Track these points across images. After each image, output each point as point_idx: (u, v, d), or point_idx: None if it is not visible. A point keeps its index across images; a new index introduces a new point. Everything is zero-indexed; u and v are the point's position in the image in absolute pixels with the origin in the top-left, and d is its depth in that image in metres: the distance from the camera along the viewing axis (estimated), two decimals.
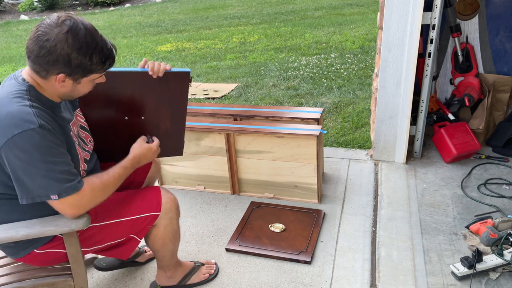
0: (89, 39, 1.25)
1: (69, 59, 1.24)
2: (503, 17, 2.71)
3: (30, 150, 1.22)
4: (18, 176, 1.24)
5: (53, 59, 1.23)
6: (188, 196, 2.59)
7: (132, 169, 1.50)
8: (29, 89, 1.29)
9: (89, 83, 1.36)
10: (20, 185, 1.25)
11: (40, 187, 1.25)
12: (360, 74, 4.70)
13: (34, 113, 1.24)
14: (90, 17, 11.13)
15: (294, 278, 1.91)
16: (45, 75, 1.28)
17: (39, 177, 1.24)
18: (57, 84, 1.29)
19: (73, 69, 1.26)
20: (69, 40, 1.22)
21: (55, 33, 1.22)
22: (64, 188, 1.27)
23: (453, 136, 2.68)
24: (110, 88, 1.54)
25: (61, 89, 1.31)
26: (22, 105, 1.24)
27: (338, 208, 2.38)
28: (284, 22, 8.22)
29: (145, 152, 1.54)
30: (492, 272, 1.82)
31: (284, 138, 2.31)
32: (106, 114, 1.61)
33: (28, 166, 1.23)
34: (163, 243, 1.65)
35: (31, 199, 1.26)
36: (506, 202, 2.31)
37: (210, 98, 4.32)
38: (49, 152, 1.25)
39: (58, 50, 1.22)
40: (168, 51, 6.66)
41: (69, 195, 1.28)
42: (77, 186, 1.30)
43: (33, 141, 1.21)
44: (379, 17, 2.50)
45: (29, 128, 1.21)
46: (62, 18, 1.24)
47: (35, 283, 1.44)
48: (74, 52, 1.23)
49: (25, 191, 1.26)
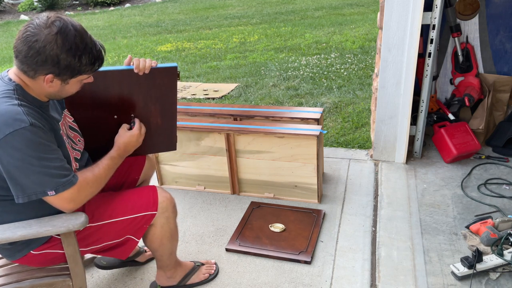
0: (79, 40, 1.25)
1: (58, 60, 1.24)
2: (503, 17, 2.71)
3: (23, 149, 1.22)
4: (12, 175, 1.24)
5: (42, 60, 1.23)
6: (188, 196, 2.59)
7: (121, 158, 1.53)
8: (16, 89, 1.29)
9: (77, 84, 1.36)
10: (15, 184, 1.25)
11: (36, 184, 1.25)
12: (360, 74, 4.70)
13: (24, 112, 1.24)
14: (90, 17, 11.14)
15: (294, 278, 1.91)
16: (33, 75, 1.28)
17: (35, 174, 1.24)
18: (45, 84, 1.29)
19: (61, 70, 1.26)
20: (59, 41, 1.22)
21: (45, 34, 1.21)
22: (61, 183, 1.28)
23: (453, 136, 2.68)
24: (96, 87, 1.54)
25: (49, 89, 1.31)
26: (11, 104, 1.24)
27: (338, 208, 2.38)
28: (284, 22, 8.22)
29: (128, 139, 1.55)
30: (492, 272, 1.82)
31: (284, 138, 2.30)
32: (94, 114, 1.60)
33: (22, 164, 1.23)
34: (160, 243, 1.65)
35: (27, 197, 1.26)
36: (506, 202, 2.31)
37: (210, 98, 4.32)
38: (42, 149, 1.25)
39: (47, 51, 1.22)
40: (168, 51, 6.66)
41: (66, 189, 1.29)
42: (72, 180, 1.31)
43: (26, 139, 1.22)
44: (379, 17, 2.50)
45: (21, 127, 1.21)
46: (51, 19, 1.24)
47: (33, 284, 1.43)
48: (63, 53, 1.23)
49: (21, 189, 1.26)
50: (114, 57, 6.61)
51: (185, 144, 2.51)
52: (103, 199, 1.52)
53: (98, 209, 1.51)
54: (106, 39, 8.27)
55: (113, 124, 1.62)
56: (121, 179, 1.76)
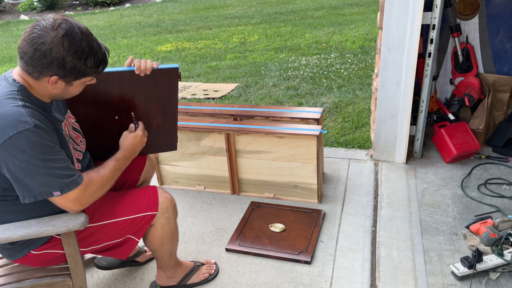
0: (85, 44, 1.26)
1: (64, 63, 1.24)
2: (503, 17, 2.71)
3: (28, 150, 1.22)
4: (18, 176, 1.24)
5: (48, 62, 1.23)
6: (188, 196, 2.59)
7: (127, 160, 1.53)
8: (20, 89, 1.29)
9: (80, 85, 1.37)
10: (21, 185, 1.25)
11: (42, 185, 1.25)
12: (360, 74, 4.70)
13: (28, 113, 1.24)
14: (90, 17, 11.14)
15: (294, 278, 1.91)
16: (37, 76, 1.28)
17: (40, 175, 1.24)
18: (49, 85, 1.29)
19: (66, 72, 1.27)
20: (65, 44, 1.22)
21: (51, 36, 1.22)
22: (66, 183, 1.28)
23: (453, 136, 2.68)
24: (98, 88, 1.54)
25: (53, 90, 1.32)
26: (15, 105, 1.24)
27: (338, 208, 2.38)
28: (284, 22, 8.21)
29: (133, 141, 1.55)
30: (492, 272, 1.82)
31: (284, 138, 2.30)
32: (96, 114, 1.61)
33: (27, 166, 1.23)
34: (161, 243, 1.65)
35: (33, 197, 1.26)
36: (506, 202, 2.31)
37: (210, 98, 4.32)
38: (46, 150, 1.25)
39: (54, 54, 1.22)
40: (168, 51, 6.66)
41: (71, 190, 1.29)
42: (77, 180, 1.31)
43: (30, 141, 1.22)
44: (379, 17, 2.50)
45: (25, 128, 1.21)
46: (58, 21, 1.24)
47: (33, 284, 1.43)
48: (70, 56, 1.24)
49: (27, 190, 1.26)
50: (114, 57, 6.61)
51: (185, 144, 2.52)
52: (104, 199, 1.52)
53: (99, 209, 1.51)
54: (106, 39, 8.27)
55: (114, 125, 1.62)
56: (122, 179, 1.76)
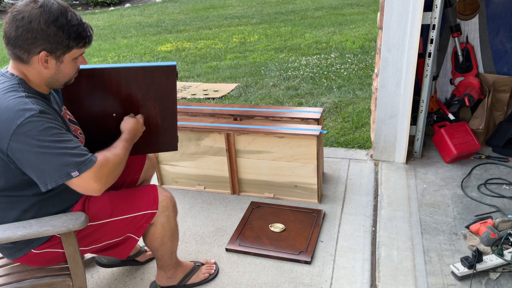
0: (63, 13, 1.28)
1: (47, 34, 1.25)
2: (503, 17, 2.71)
3: (38, 135, 1.22)
4: (34, 164, 1.24)
5: (32, 37, 1.25)
6: (188, 196, 2.59)
7: (131, 142, 1.53)
8: (20, 82, 1.30)
9: (71, 63, 1.36)
10: (38, 172, 1.25)
11: (59, 167, 1.24)
12: (360, 74, 4.70)
13: (31, 102, 1.25)
14: (90, 17, 11.14)
15: (294, 278, 1.91)
16: (27, 58, 1.28)
17: (54, 158, 1.24)
18: (41, 66, 1.30)
19: (52, 44, 1.27)
20: (44, 14, 1.25)
21: (29, 10, 1.24)
22: (82, 162, 1.27)
23: (453, 136, 2.68)
24: (94, 85, 1.54)
25: (45, 71, 1.32)
26: (18, 96, 1.25)
27: (338, 208, 2.38)
28: (284, 22, 8.22)
29: (134, 125, 1.56)
30: (492, 272, 1.82)
31: (284, 138, 2.30)
32: (92, 112, 1.60)
33: (40, 150, 1.22)
34: (161, 242, 1.65)
35: (54, 181, 1.25)
36: (506, 202, 2.31)
37: (210, 98, 4.32)
38: (55, 133, 1.25)
39: (35, 26, 1.24)
40: (168, 51, 6.66)
41: (89, 168, 1.28)
42: (92, 159, 1.30)
43: (38, 126, 1.22)
44: (379, 17, 2.50)
45: (30, 115, 1.22)
46: None
47: (33, 284, 1.43)
48: (51, 25, 1.25)
49: (46, 176, 1.25)
50: (114, 57, 6.61)
51: (185, 144, 2.51)
52: (104, 198, 1.52)
53: (98, 208, 1.50)
54: (106, 39, 8.28)
55: (112, 122, 1.61)
56: (122, 178, 1.76)
